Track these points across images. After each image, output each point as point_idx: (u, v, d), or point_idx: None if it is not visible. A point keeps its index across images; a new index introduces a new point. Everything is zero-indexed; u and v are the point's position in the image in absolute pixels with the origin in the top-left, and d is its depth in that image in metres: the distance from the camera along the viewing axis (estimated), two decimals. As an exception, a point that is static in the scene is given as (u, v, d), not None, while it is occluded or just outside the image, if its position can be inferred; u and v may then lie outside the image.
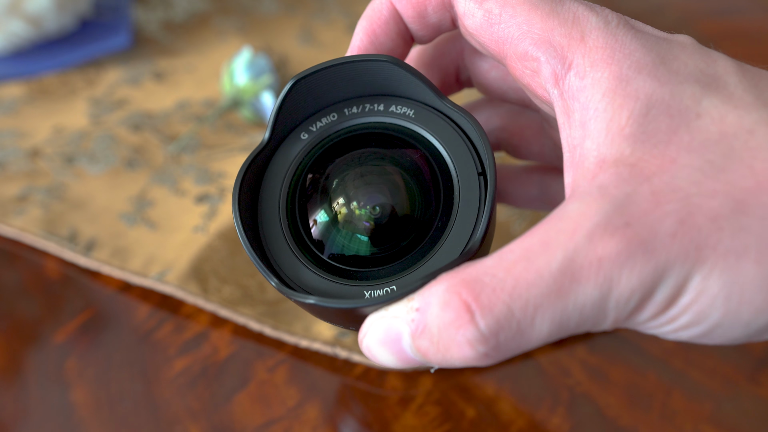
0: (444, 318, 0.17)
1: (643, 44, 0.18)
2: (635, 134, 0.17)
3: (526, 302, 0.16)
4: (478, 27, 0.20)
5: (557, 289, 0.16)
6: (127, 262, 0.34)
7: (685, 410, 0.28)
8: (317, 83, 0.23)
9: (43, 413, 0.29)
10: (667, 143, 0.17)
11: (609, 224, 0.16)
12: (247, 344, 0.31)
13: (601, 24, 0.18)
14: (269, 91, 0.40)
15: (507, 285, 0.16)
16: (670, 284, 0.16)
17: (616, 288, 0.16)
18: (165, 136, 0.40)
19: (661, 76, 0.17)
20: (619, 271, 0.16)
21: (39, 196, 0.37)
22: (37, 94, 0.44)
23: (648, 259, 0.16)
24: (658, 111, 0.17)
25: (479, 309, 0.16)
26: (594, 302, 0.16)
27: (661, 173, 0.16)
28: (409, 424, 0.28)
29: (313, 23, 0.49)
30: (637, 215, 0.16)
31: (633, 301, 0.16)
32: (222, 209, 0.36)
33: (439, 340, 0.17)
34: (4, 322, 0.32)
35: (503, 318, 0.16)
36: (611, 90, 0.17)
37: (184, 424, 0.28)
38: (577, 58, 0.18)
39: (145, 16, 0.49)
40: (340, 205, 0.22)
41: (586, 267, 0.16)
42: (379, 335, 0.19)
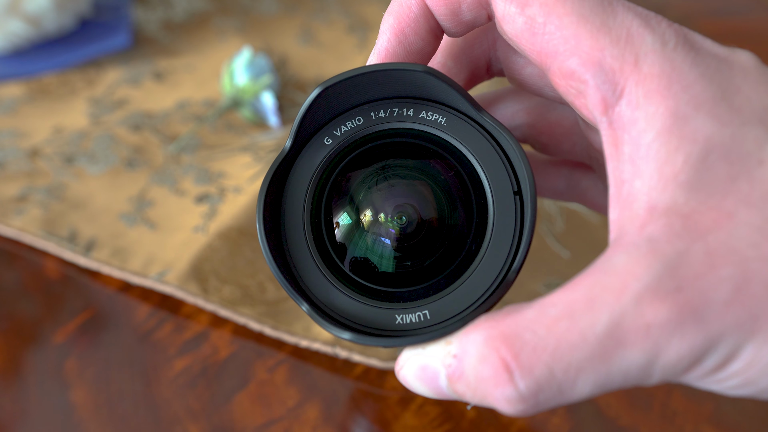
0: (482, 372, 0.16)
1: (703, 74, 0.16)
2: (691, 182, 0.16)
3: (568, 365, 0.15)
4: (519, 34, 0.18)
5: (601, 353, 0.15)
6: (127, 262, 0.34)
7: (685, 410, 0.28)
8: (345, 89, 0.21)
9: (43, 413, 0.29)
10: (724, 194, 0.15)
11: (659, 288, 0.15)
12: (247, 344, 0.31)
13: (657, 46, 0.16)
14: (269, 91, 0.40)
15: (549, 345, 0.15)
16: (720, 353, 0.15)
17: (664, 355, 0.15)
18: (165, 136, 0.40)
19: (722, 115, 0.16)
20: (668, 339, 0.15)
21: (39, 196, 0.37)
22: (37, 94, 0.44)
23: (699, 328, 0.15)
24: (717, 156, 0.16)
25: (518, 369, 0.16)
26: (639, 367, 0.15)
27: (716, 230, 0.15)
28: (409, 424, 0.28)
29: (313, 23, 0.49)
30: (689, 278, 0.15)
31: (680, 366, 0.15)
32: (222, 209, 0.36)
33: (476, 389, 0.17)
34: (4, 322, 0.32)
35: (544, 380, 0.15)
36: (667, 129, 0.16)
37: (184, 424, 0.28)
38: (629, 86, 0.16)
39: (145, 16, 0.49)
40: (366, 216, 0.21)
41: (633, 332, 0.15)
42: (415, 371, 0.18)
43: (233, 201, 0.36)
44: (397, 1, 0.20)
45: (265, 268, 0.33)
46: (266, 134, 0.40)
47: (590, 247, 0.34)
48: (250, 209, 0.35)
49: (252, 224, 0.35)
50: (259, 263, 0.33)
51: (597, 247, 0.34)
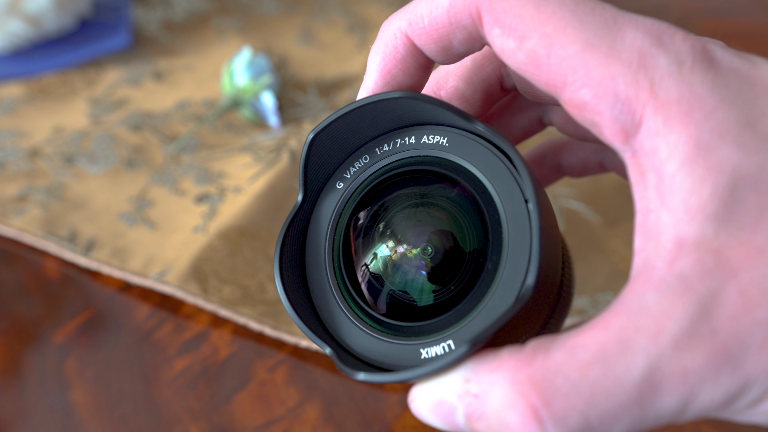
0: (508, 419, 0.15)
1: (724, 98, 0.15)
2: (719, 214, 0.15)
3: (604, 413, 0.15)
4: (521, 67, 0.17)
5: (638, 400, 0.15)
6: (127, 262, 0.34)
7: (685, 410, 0.28)
8: (338, 131, 0.21)
9: (43, 413, 0.29)
10: (755, 227, 0.15)
11: (695, 332, 0.15)
12: (247, 344, 0.31)
13: (673, 68, 0.15)
14: (269, 91, 0.40)
15: (583, 392, 0.15)
16: (752, 395, 0.15)
17: (698, 399, 0.15)
18: (165, 136, 0.40)
19: (748, 143, 0.15)
20: (703, 384, 0.15)
21: (39, 196, 0.37)
22: (37, 94, 0.44)
23: (734, 373, 0.15)
24: (745, 187, 0.15)
25: (551, 419, 0.15)
26: (673, 410, 0.15)
27: (749, 268, 0.15)
28: (409, 424, 0.28)
29: (313, 23, 0.49)
30: (724, 321, 0.15)
31: (713, 408, 0.15)
32: (222, 209, 0.36)
33: (498, 431, 0.16)
34: (4, 322, 0.32)
35: (578, 429, 0.15)
36: (690, 159, 0.15)
37: (184, 424, 0.28)
38: (647, 114, 0.15)
39: (145, 16, 0.49)
40: (389, 251, 0.21)
41: (669, 378, 0.14)
42: (431, 405, 0.17)
43: (233, 201, 0.36)
44: (383, 40, 0.19)
45: (265, 269, 0.33)
46: (266, 134, 0.40)
47: (590, 246, 0.34)
48: (250, 209, 0.35)
49: (252, 224, 0.35)
50: (259, 263, 0.33)
51: (596, 246, 0.34)
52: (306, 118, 0.41)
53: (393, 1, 0.51)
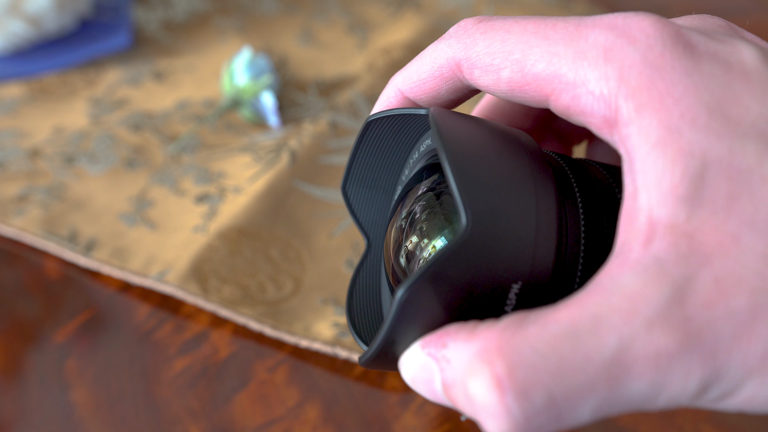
0: (471, 386, 0.15)
1: (696, 83, 0.16)
2: (691, 197, 0.15)
3: (570, 389, 0.14)
4: (508, 95, 0.18)
5: (607, 379, 0.14)
6: (127, 262, 0.34)
7: (685, 410, 0.28)
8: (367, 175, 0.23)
9: (43, 413, 0.29)
10: (727, 213, 0.15)
11: (669, 316, 0.14)
12: (247, 344, 0.31)
13: (640, 56, 0.16)
14: (269, 91, 0.40)
15: (550, 365, 0.14)
16: (723, 386, 0.15)
17: (669, 386, 0.15)
18: (165, 136, 0.40)
19: (719, 128, 0.15)
20: (675, 370, 0.14)
21: (39, 196, 0.37)
22: (37, 94, 0.44)
23: (706, 362, 0.14)
24: (715, 172, 0.15)
25: (513, 389, 0.14)
26: (643, 396, 0.15)
27: (723, 255, 0.15)
28: (409, 424, 0.28)
29: (313, 23, 0.49)
30: (698, 308, 0.15)
31: (684, 397, 0.15)
32: (222, 209, 0.36)
33: (466, 402, 0.15)
34: (4, 322, 0.32)
35: (541, 405, 0.14)
36: (662, 142, 0.15)
37: (184, 424, 0.28)
38: (620, 103, 0.16)
39: (145, 16, 0.49)
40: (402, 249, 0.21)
41: (641, 360, 0.14)
42: (415, 369, 0.17)
43: (233, 201, 0.36)
44: (385, 95, 0.22)
45: (265, 268, 0.33)
46: (266, 134, 0.40)
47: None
48: (251, 209, 0.35)
49: (252, 224, 0.35)
50: (259, 263, 0.33)
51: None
52: (306, 118, 0.41)
53: (393, 1, 0.51)
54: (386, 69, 0.44)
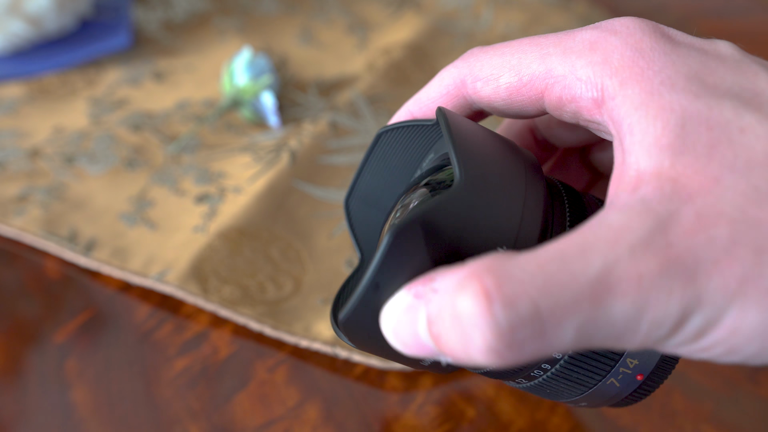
0: (458, 301, 0.15)
1: (674, 60, 0.17)
2: (673, 145, 0.16)
3: (555, 303, 0.15)
4: (509, 99, 0.20)
5: (591, 297, 0.15)
6: (127, 262, 0.34)
7: (685, 410, 0.28)
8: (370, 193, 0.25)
9: (43, 413, 0.29)
10: (708, 158, 0.16)
11: (652, 242, 0.15)
12: (247, 344, 0.31)
13: (620, 41, 0.18)
14: (269, 91, 0.40)
15: (537, 280, 0.15)
16: (705, 314, 0.15)
17: (651, 309, 0.15)
18: (165, 136, 0.40)
19: (696, 90, 0.17)
20: (656, 292, 0.15)
21: (39, 196, 0.37)
22: (37, 94, 0.44)
23: (687, 284, 0.15)
24: (695, 123, 0.16)
25: (500, 299, 0.14)
26: (627, 319, 0.15)
27: (704, 194, 0.15)
28: (409, 424, 0.28)
29: (313, 23, 0.49)
30: (680, 236, 0.15)
31: (666, 326, 0.15)
32: (222, 209, 0.36)
33: (450, 327, 0.15)
34: (4, 322, 0.32)
35: (527, 315, 0.14)
36: (644, 103, 0.17)
37: (184, 424, 0.28)
38: (605, 81, 0.17)
39: (145, 16, 0.49)
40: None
41: (625, 281, 0.15)
42: (398, 315, 0.17)
43: (233, 201, 0.36)
44: (396, 118, 0.23)
45: (265, 268, 0.33)
46: (266, 134, 0.40)
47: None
48: (251, 209, 0.35)
49: (252, 224, 0.35)
50: (259, 263, 0.33)
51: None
52: (306, 118, 0.41)
53: (393, 1, 0.51)
54: (386, 69, 0.44)
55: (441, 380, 0.30)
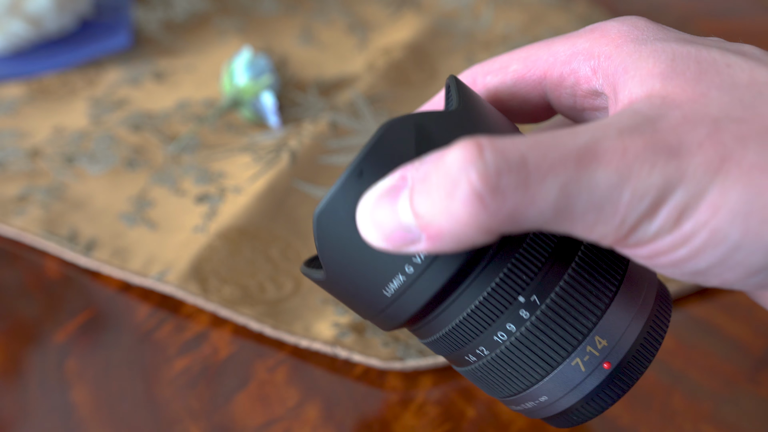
0: (449, 157, 0.16)
1: (663, 29, 0.19)
2: (664, 73, 0.17)
3: (542, 158, 0.15)
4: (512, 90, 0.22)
5: (577, 159, 0.15)
6: (127, 262, 0.34)
7: (685, 410, 0.28)
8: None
9: (43, 413, 0.29)
10: (696, 81, 0.17)
11: (639, 128, 0.16)
12: (247, 344, 0.31)
13: (616, 23, 0.20)
14: (269, 91, 0.40)
15: (527, 141, 0.16)
16: (687, 190, 0.15)
17: (635, 179, 0.15)
18: (165, 136, 0.40)
19: (684, 40, 0.18)
20: (641, 164, 0.15)
21: (39, 196, 0.37)
22: (37, 94, 0.44)
23: (671, 159, 0.15)
24: (685, 58, 0.17)
25: (491, 148, 0.15)
26: (609, 186, 0.15)
27: (692, 103, 0.16)
28: (409, 424, 0.28)
29: (313, 23, 0.49)
30: (666, 127, 0.16)
31: (647, 199, 0.15)
32: (222, 209, 0.36)
33: (435, 185, 0.16)
34: (4, 322, 0.32)
35: (514, 162, 0.15)
36: (637, 50, 0.18)
37: (184, 424, 0.28)
38: (602, 48, 0.19)
39: (145, 16, 0.49)
40: None
41: (610, 151, 0.15)
42: (376, 198, 0.17)
43: (233, 201, 0.36)
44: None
45: (265, 268, 0.33)
46: (266, 134, 0.40)
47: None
48: (251, 209, 0.35)
49: (252, 224, 0.35)
50: (259, 263, 0.33)
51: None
52: (306, 118, 0.41)
53: (393, 1, 0.51)
54: (386, 69, 0.44)
55: (441, 380, 0.30)
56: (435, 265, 0.19)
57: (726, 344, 0.31)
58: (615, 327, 0.20)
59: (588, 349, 0.20)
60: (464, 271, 0.19)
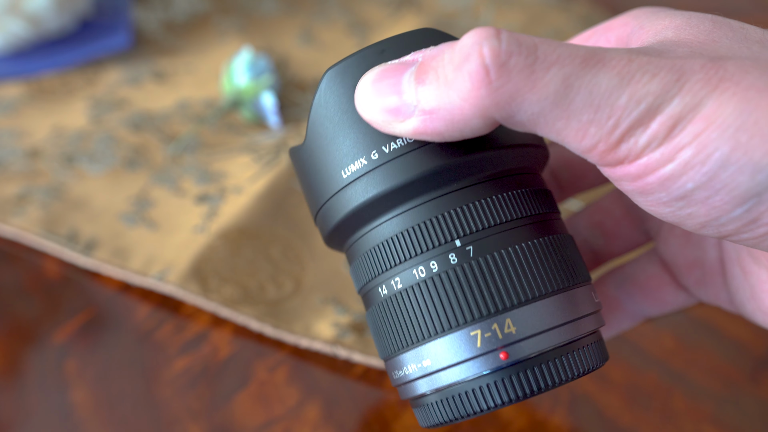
0: (466, 37, 0.16)
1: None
2: (678, 26, 0.18)
3: (552, 50, 0.16)
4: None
5: (583, 59, 0.16)
6: (127, 262, 0.34)
7: (685, 410, 0.28)
8: None
9: (43, 413, 0.29)
10: (709, 32, 0.18)
11: (646, 51, 0.17)
12: (247, 344, 0.31)
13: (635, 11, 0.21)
14: (269, 92, 0.40)
15: (542, 38, 0.17)
16: (683, 101, 0.15)
17: (634, 84, 0.16)
18: (165, 136, 0.40)
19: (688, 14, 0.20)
20: (642, 73, 0.16)
21: (39, 195, 0.37)
22: (37, 94, 0.44)
23: (672, 72, 0.16)
24: (701, 18, 0.18)
25: (507, 33, 0.16)
26: (609, 87, 0.16)
27: (700, 44, 0.17)
28: (409, 424, 0.28)
29: (313, 23, 0.49)
30: (672, 55, 0.16)
31: (643, 104, 0.16)
32: (222, 209, 0.36)
33: (449, 57, 0.17)
34: (4, 323, 0.32)
35: (525, 47, 0.16)
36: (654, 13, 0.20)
37: (184, 424, 0.28)
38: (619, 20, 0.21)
39: (145, 16, 0.49)
40: None
41: (616, 59, 0.16)
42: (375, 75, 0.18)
43: (233, 201, 0.36)
44: None
45: (266, 268, 0.33)
46: (266, 134, 0.40)
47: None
48: (251, 209, 0.35)
49: (252, 224, 0.35)
50: (259, 263, 0.33)
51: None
52: (306, 118, 0.41)
53: (392, 1, 0.51)
54: (386, 69, 0.44)
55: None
56: (401, 161, 0.19)
57: (726, 344, 0.31)
58: (533, 322, 0.18)
59: (494, 326, 0.18)
60: (426, 181, 0.19)
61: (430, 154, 0.19)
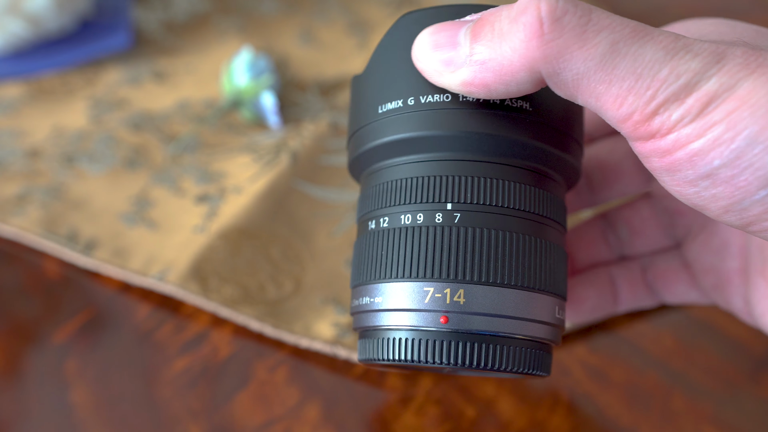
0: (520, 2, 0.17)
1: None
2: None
3: (606, 16, 0.17)
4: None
5: (633, 29, 0.17)
6: (127, 262, 0.34)
7: (685, 410, 0.28)
8: None
9: (43, 413, 0.29)
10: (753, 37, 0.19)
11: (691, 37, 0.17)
12: (247, 344, 0.31)
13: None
14: (269, 91, 0.40)
15: (594, 6, 0.17)
16: (720, 81, 0.16)
17: (677, 59, 0.16)
18: (165, 136, 0.40)
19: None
20: (686, 51, 0.16)
21: (38, 195, 0.37)
22: (37, 94, 0.44)
23: (713, 54, 0.16)
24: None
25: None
26: (653, 59, 0.16)
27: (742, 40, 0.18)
28: (409, 424, 0.28)
29: (313, 23, 0.49)
30: (717, 43, 0.17)
31: (682, 79, 0.16)
32: (222, 209, 0.36)
33: (507, 13, 0.17)
34: (4, 323, 0.32)
35: (581, 8, 0.17)
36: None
37: (184, 424, 0.28)
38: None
39: (145, 16, 0.49)
40: None
41: (663, 36, 0.17)
42: (433, 29, 0.19)
43: (233, 201, 0.36)
44: None
45: (266, 268, 0.33)
46: (266, 134, 0.40)
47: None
48: (251, 209, 0.35)
49: (252, 224, 0.35)
50: (259, 263, 0.33)
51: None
52: (306, 118, 0.41)
53: (392, 1, 0.51)
54: (386, 69, 0.44)
55: (441, 380, 0.30)
56: (430, 114, 0.20)
57: (726, 344, 0.31)
58: (483, 302, 0.19)
59: (446, 290, 0.19)
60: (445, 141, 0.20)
61: (459, 117, 0.20)
